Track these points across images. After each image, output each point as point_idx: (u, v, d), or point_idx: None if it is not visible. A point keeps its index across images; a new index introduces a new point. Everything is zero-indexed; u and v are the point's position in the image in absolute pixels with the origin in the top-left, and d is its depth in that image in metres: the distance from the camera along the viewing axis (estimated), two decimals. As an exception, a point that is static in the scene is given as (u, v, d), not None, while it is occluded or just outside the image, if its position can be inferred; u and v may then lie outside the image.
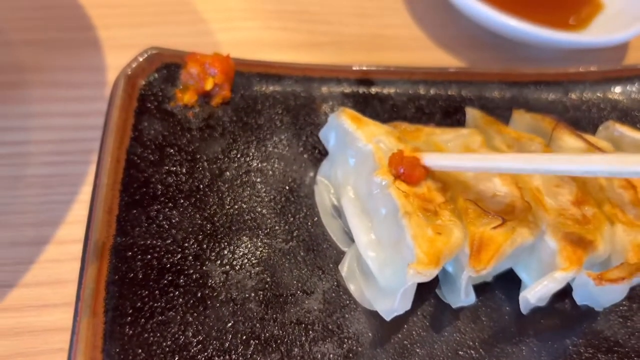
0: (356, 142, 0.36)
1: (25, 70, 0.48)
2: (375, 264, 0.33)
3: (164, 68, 0.41)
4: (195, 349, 0.32)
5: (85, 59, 0.50)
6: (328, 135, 0.39)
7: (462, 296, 0.35)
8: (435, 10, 0.58)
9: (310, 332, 0.34)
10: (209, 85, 0.40)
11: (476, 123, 0.42)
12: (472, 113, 0.42)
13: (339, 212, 0.39)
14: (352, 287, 0.35)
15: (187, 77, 0.41)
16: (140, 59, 0.40)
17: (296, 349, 0.33)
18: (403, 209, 0.31)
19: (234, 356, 0.32)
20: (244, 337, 0.33)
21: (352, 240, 0.36)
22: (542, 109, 0.47)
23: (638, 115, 0.47)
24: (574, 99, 0.48)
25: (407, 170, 0.33)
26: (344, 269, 0.36)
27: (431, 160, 0.35)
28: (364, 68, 0.46)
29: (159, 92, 0.40)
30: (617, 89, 0.49)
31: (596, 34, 0.55)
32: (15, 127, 0.45)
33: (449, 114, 0.46)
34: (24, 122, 0.45)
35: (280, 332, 0.33)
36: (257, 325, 0.33)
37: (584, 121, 0.47)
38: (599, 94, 0.48)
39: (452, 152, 0.39)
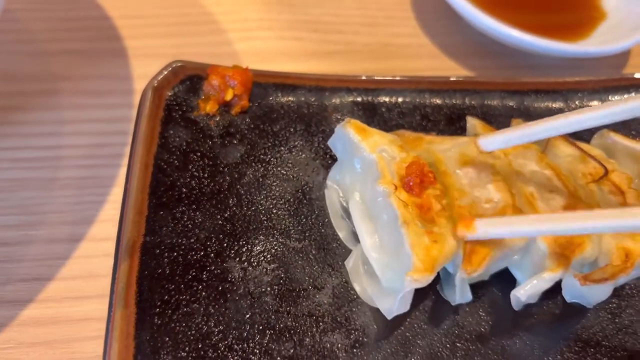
0: (361, 151, 0.39)
1: (57, 79, 0.52)
2: (378, 265, 0.36)
3: (188, 79, 0.44)
4: (216, 337, 0.35)
5: (112, 68, 0.53)
6: (336, 144, 0.42)
7: (459, 295, 0.38)
8: (441, 19, 0.61)
9: (321, 323, 0.37)
10: (229, 96, 0.44)
11: (476, 131, 0.45)
12: (472, 122, 0.45)
13: (347, 214, 0.42)
14: (356, 285, 0.39)
15: (209, 88, 0.44)
16: (166, 72, 0.44)
17: (307, 339, 0.36)
18: (402, 218, 0.34)
19: (251, 344, 0.35)
20: (260, 327, 0.36)
21: (358, 240, 0.39)
22: (541, 117, 0.49)
23: (632, 123, 0.50)
24: (572, 108, 0.50)
25: (416, 183, 0.36)
26: (349, 266, 0.39)
27: (483, 225, 0.36)
28: (372, 78, 0.49)
29: (183, 102, 0.44)
30: (615, 98, 0.51)
31: (598, 43, 0.58)
32: (49, 133, 0.48)
33: (453, 121, 0.49)
34: (57, 128, 0.49)
35: (293, 323, 0.37)
36: (272, 316, 0.37)
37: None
38: (596, 103, 0.51)
39: (451, 161, 0.41)
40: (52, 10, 0.57)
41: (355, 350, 0.36)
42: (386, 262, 0.36)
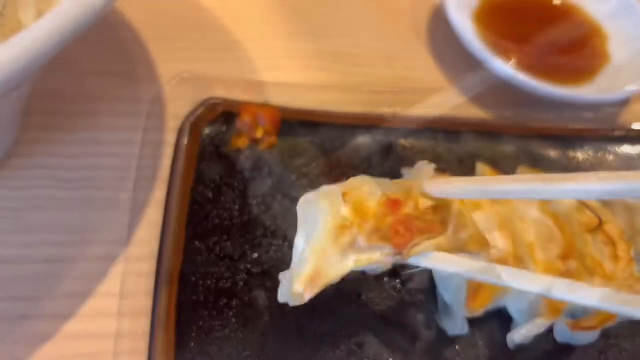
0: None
1: (94, 100, 0.55)
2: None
3: (222, 115, 0.48)
4: (245, 361, 0.39)
5: (145, 91, 0.57)
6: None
7: (459, 328, 0.42)
8: (453, 53, 0.64)
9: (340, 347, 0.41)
10: (259, 134, 0.47)
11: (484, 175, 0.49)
12: (481, 167, 0.49)
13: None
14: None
15: (241, 125, 0.48)
16: (203, 108, 0.47)
17: (327, 364, 0.41)
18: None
19: (275, 368, 0.40)
20: (284, 352, 0.40)
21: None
22: (546, 162, 0.53)
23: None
24: (575, 156, 0.54)
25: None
26: None
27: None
28: (390, 118, 0.53)
29: (216, 138, 0.48)
30: (617, 147, 0.55)
31: (602, 88, 0.61)
32: (86, 153, 0.52)
33: (463, 161, 0.53)
34: (93, 149, 0.52)
35: (316, 345, 0.41)
36: (294, 343, 0.41)
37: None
38: (596, 151, 0.55)
39: (466, 204, 0.45)
40: (88, 32, 0.60)
41: (368, 377, 0.41)
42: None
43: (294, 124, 0.50)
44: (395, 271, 0.46)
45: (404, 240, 0.34)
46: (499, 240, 0.43)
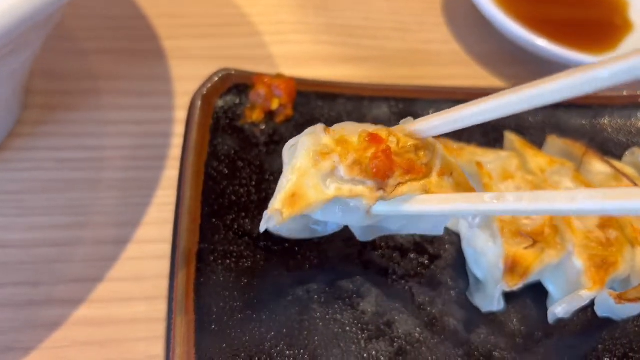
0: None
1: (98, 78, 0.53)
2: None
3: (235, 87, 0.45)
4: (269, 344, 0.37)
5: (151, 69, 0.54)
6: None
7: (495, 304, 0.40)
8: (473, 26, 0.62)
9: (365, 331, 0.39)
10: (274, 105, 0.45)
11: (513, 146, 0.46)
12: (510, 137, 0.47)
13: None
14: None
15: (255, 97, 0.45)
16: (214, 80, 0.45)
17: (354, 346, 0.38)
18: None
19: (301, 351, 0.37)
20: (309, 334, 0.38)
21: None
22: (572, 131, 0.51)
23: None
24: (603, 123, 0.52)
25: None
26: None
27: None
28: (409, 87, 0.51)
29: (230, 110, 0.45)
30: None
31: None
32: (92, 133, 0.49)
33: (487, 133, 0.50)
34: (100, 128, 0.50)
35: (340, 330, 0.39)
36: (320, 324, 0.38)
37: (610, 144, 0.51)
38: (626, 119, 0.52)
39: (494, 175, 0.43)
40: (90, 8, 0.57)
41: (399, 357, 0.38)
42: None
43: (310, 96, 0.48)
44: (423, 248, 0.43)
45: (384, 172, 0.32)
46: (533, 210, 0.41)
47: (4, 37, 0.26)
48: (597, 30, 0.64)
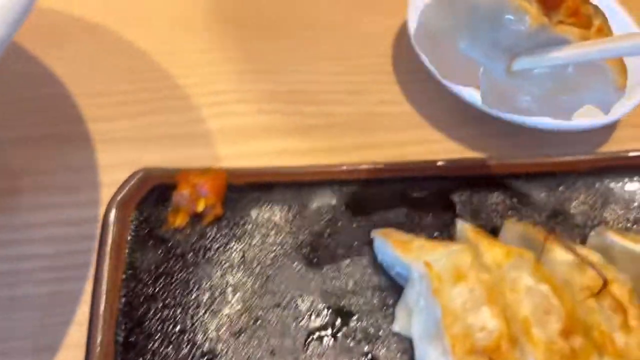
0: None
1: (15, 174, 0.48)
2: None
3: (156, 189, 0.41)
4: None
5: (76, 158, 0.49)
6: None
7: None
8: (425, 86, 0.58)
9: None
10: (200, 207, 0.40)
11: (466, 237, 0.42)
12: (462, 226, 0.43)
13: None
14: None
15: (178, 199, 0.41)
16: (132, 182, 0.40)
17: None
18: None
19: None
20: None
21: None
22: (532, 204, 0.47)
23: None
24: (566, 193, 0.48)
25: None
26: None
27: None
28: (354, 168, 0.46)
29: (150, 217, 0.40)
30: (608, 180, 0.49)
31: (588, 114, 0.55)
32: (7, 241, 0.45)
33: (439, 215, 0.46)
34: (16, 235, 0.45)
35: None
36: None
37: (578, 217, 0.47)
38: (589, 186, 0.48)
39: (445, 275, 0.39)
40: (4, 90, 0.52)
41: None
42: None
43: (243, 189, 0.43)
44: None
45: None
46: (488, 319, 0.37)
47: None
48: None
